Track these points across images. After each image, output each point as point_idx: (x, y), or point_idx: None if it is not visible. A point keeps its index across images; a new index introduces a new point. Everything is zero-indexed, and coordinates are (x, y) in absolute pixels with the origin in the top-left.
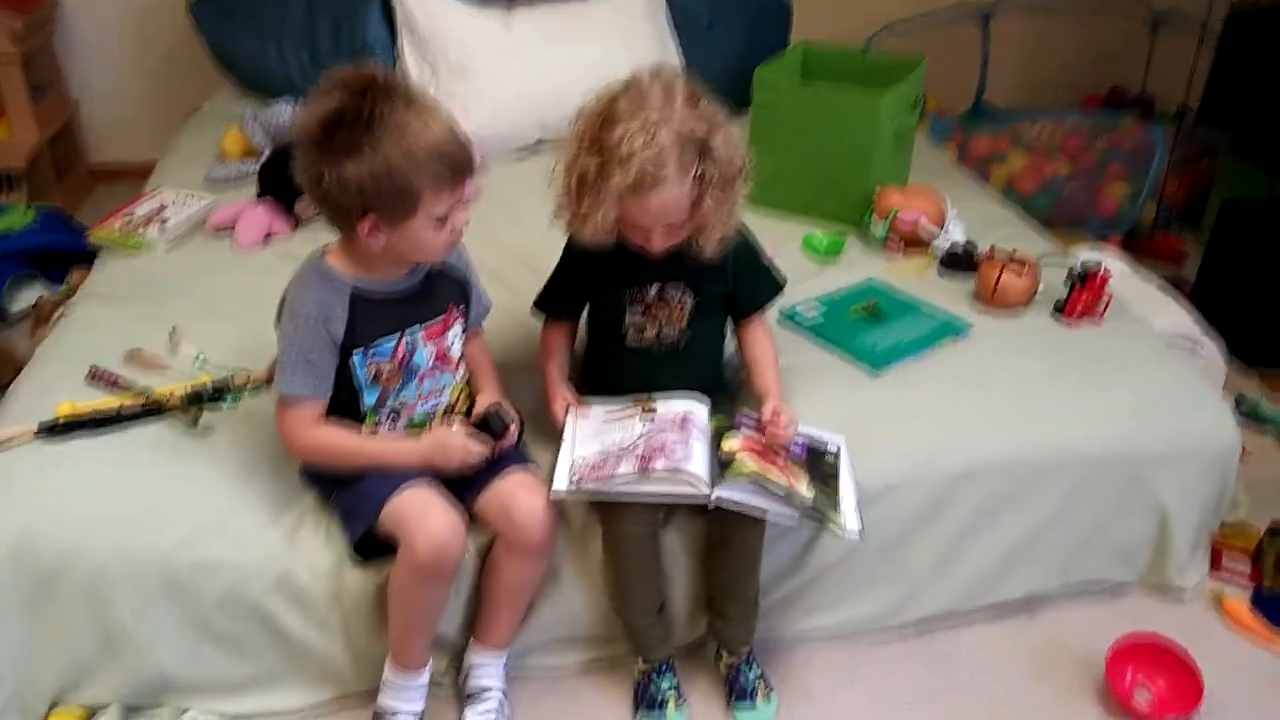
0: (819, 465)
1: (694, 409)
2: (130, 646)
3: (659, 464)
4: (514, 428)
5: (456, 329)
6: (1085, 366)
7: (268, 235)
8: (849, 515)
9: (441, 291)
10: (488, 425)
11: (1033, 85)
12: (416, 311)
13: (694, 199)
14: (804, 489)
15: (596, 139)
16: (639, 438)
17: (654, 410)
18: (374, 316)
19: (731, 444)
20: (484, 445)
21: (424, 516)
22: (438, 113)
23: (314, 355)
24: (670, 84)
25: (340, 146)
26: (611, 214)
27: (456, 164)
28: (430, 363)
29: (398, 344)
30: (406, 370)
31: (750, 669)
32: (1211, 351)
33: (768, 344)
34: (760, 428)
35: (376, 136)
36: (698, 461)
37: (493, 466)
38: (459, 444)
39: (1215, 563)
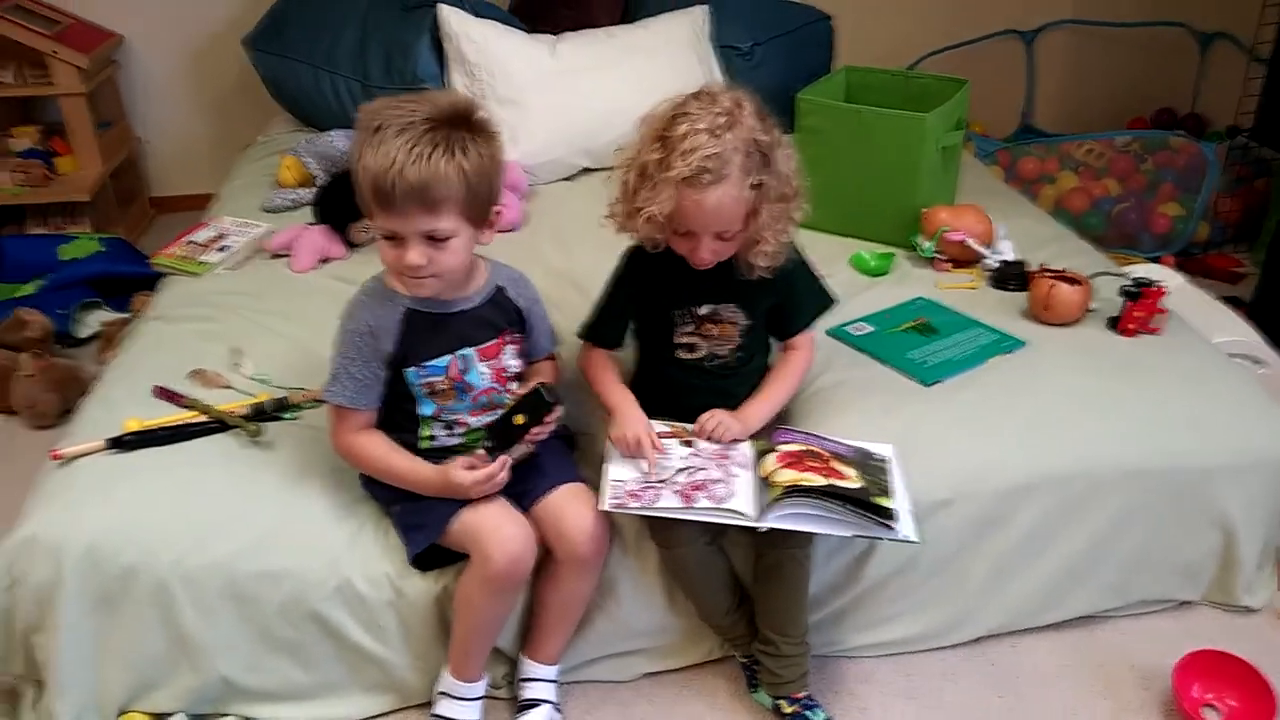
0: (868, 463)
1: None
2: (195, 653)
3: (702, 501)
4: (558, 410)
5: (511, 350)
6: (1143, 379)
7: (323, 259)
8: (904, 517)
9: (496, 316)
10: (535, 399)
11: (1078, 108)
12: (469, 333)
13: (750, 209)
14: (851, 482)
15: (660, 135)
16: (678, 472)
17: (690, 443)
18: (427, 335)
19: (768, 464)
20: (496, 468)
21: (499, 529)
22: (391, 147)
23: (355, 368)
24: (741, 97)
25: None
26: (668, 206)
27: (383, 196)
28: (486, 382)
29: (450, 363)
30: (460, 388)
31: (815, 714)
32: (1276, 367)
33: (798, 366)
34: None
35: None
36: (741, 498)
37: (544, 480)
38: (467, 482)
39: None
